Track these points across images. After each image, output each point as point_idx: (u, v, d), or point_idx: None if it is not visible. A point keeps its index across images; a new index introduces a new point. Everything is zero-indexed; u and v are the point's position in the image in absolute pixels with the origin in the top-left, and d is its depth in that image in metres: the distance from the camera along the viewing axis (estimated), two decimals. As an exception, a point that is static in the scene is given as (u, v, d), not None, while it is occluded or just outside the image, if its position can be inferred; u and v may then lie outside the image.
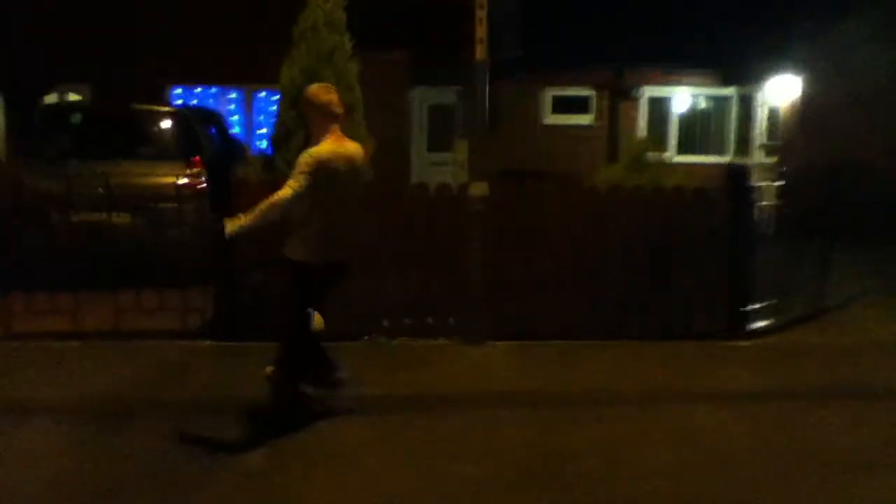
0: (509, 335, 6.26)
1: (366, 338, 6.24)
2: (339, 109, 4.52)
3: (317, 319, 4.62)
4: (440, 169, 13.36)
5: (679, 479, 4.00)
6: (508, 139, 12.81)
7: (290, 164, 6.63)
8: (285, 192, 4.32)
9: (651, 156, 8.93)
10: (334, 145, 4.46)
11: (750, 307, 6.61)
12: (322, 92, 4.52)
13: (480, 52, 5.84)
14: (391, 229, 6.15)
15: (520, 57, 12.29)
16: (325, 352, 4.82)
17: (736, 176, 6.62)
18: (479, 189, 6.00)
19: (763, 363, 6.08)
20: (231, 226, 4.42)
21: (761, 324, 6.69)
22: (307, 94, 4.54)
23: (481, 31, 5.82)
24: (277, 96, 7.52)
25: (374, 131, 7.41)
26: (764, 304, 6.72)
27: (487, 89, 6.03)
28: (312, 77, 6.25)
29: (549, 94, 14.03)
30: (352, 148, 4.59)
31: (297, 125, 6.61)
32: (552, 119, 14.06)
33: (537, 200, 6.36)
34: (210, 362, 5.76)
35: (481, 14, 5.75)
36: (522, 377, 5.61)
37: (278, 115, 7.18)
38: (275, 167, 6.84)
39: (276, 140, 7.10)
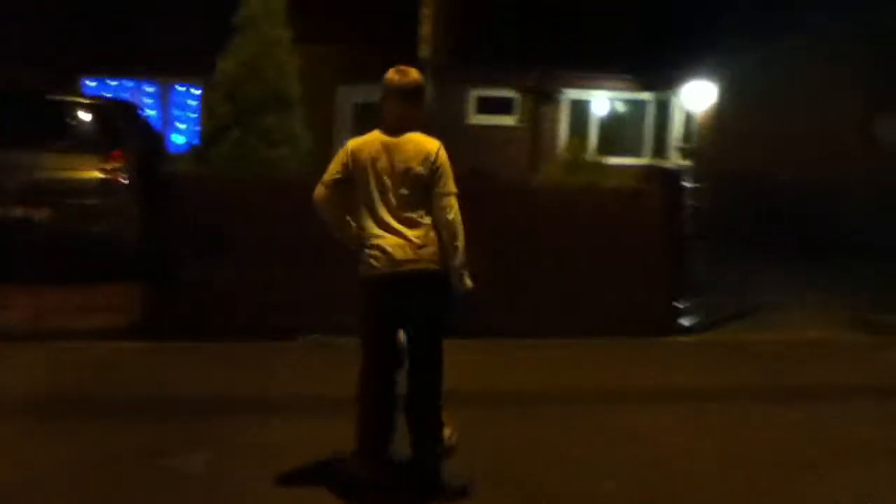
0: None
1: (300, 338, 6.06)
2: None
3: None
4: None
5: (615, 477, 4.00)
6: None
7: (226, 160, 6.52)
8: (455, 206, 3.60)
9: (582, 157, 9.08)
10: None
11: (683, 305, 6.79)
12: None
13: (425, 50, 5.80)
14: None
15: (444, 57, 12.31)
16: None
17: (670, 178, 6.80)
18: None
19: (697, 360, 6.24)
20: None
21: (694, 321, 6.88)
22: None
23: (427, 30, 5.77)
24: (199, 90, 7.25)
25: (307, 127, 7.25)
26: (696, 301, 6.92)
27: (431, 87, 5.94)
28: (253, 70, 6.05)
29: (474, 94, 14.11)
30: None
31: (234, 120, 6.38)
32: (476, 119, 14.14)
33: (476, 199, 6.32)
34: (138, 363, 5.47)
35: (427, 12, 5.69)
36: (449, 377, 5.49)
37: (210, 108, 6.90)
38: (209, 162, 6.56)
39: (208, 135, 6.82)
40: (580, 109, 14.73)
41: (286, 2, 6.85)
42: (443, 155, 3.60)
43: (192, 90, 11.14)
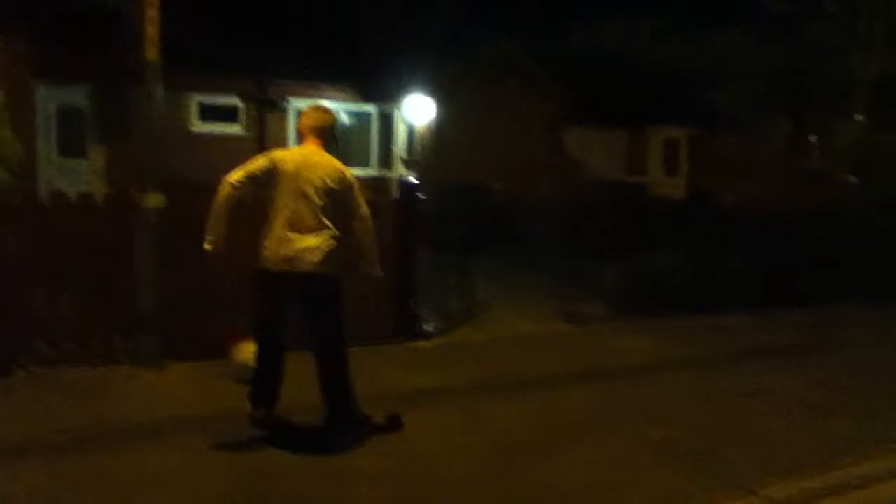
0: (185, 355, 5.93)
1: (20, 371, 5.46)
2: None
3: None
4: (72, 177, 12.11)
5: (379, 483, 4.20)
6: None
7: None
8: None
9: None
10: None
11: (417, 311, 7.14)
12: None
13: (152, 52, 5.49)
14: (48, 244, 5.49)
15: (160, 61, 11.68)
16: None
17: (407, 189, 7.10)
18: (154, 199, 5.61)
19: (436, 361, 6.62)
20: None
21: (427, 326, 7.25)
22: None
23: (152, 31, 5.47)
24: None
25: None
26: (428, 307, 7.31)
27: (160, 92, 5.66)
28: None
29: (195, 100, 13.54)
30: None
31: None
32: (200, 127, 13.59)
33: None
34: None
35: (152, 13, 5.40)
36: (202, 400, 5.31)
37: None
38: None
39: None
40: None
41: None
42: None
43: None
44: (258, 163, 4.49)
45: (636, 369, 6.67)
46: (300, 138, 4.75)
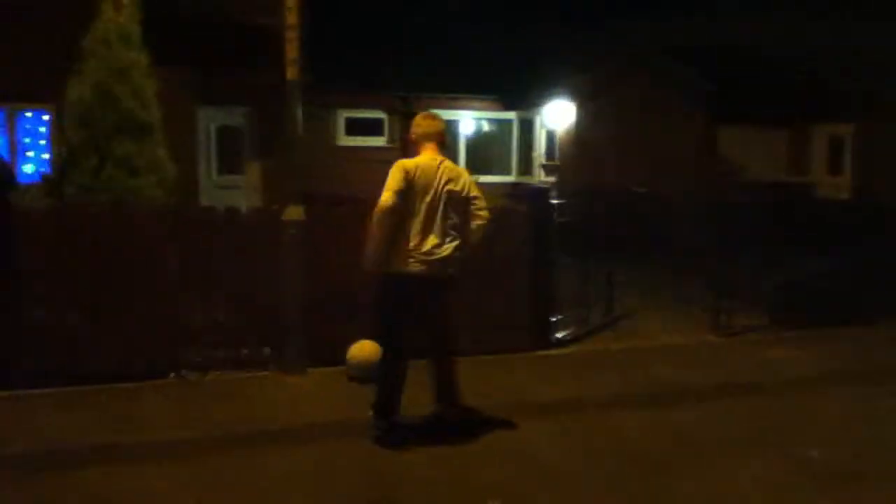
0: (328, 361, 6.12)
1: (173, 374, 5.83)
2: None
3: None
4: (229, 192, 12.86)
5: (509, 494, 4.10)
6: (302, 161, 12.63)
7: (82, 189, 6.16)
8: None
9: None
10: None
11: (553, 319, 7.00)
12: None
13: (292, 72, 5.73)
14: (202, 254, 5.85)
15: (311, 80, 12.22)
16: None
17: (537, 196, 6.99)
18: (294, 213, 5.83)
19: (572, 371, 6.44)
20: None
21: (565, 334, 7.10)
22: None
23: (292, 52, 5.72)
24: (48, 116, 6.84)
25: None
26: (564, 315, 7.15)
27: (300, 111, 5.89)
28: (106, 94, 5.76)
29: (343, 116, 14.06)
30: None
31: (89, 146, 6.04)
32: (346, 141, 14.10)
33: (352, 223, 6.31)
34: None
35: (292, 35, 5.64)
36: (345, 405, 5.45)
37: (60, 135, 6.50)
38: (63, 193, 6.16)
39: (60, 163, 6.42)
40: (448, 129, 14.92)
41: (141, 24, 6.58)
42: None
43: (43, 116, 10.50)
44: (396, 178, 4.55)
45: (790, 383, 6.20)
46: (416, 146, 4.82)
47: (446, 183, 4.63)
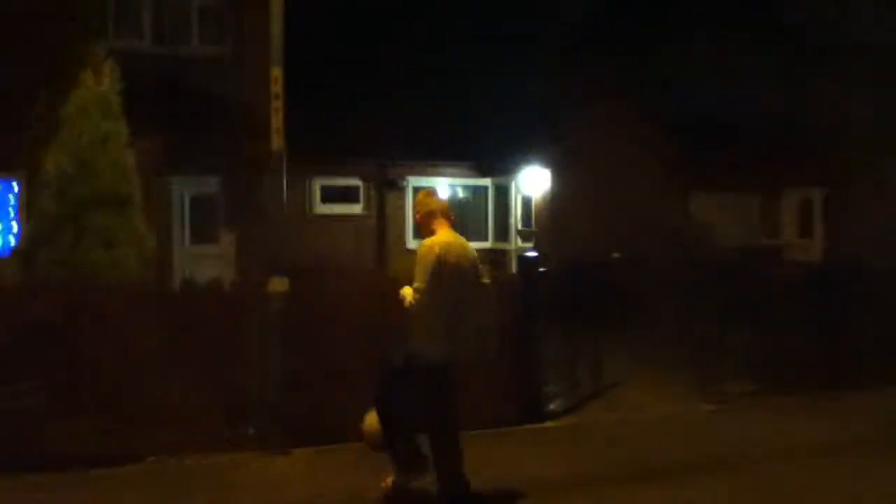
0: (310, 441, 5.85)
1: (151, 458, 5.52)
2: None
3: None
4: (202, 262, 12.61)
5: None
6: (279, 231, 12.48)
7: (58, 263, 5.91)
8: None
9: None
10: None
11: (543, 391, 6.81)
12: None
13: (277, 141, 5.65)
14: (175, 330, 5.60)
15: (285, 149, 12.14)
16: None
17: (528, 265, 6.85)
18: (279, 284, 5.65)
19: (563, 446, 6.23)
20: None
21: (554, 406, 6.91)
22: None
23: (277, 122, 5.65)
24: (16, 184, 6.66)
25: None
26: (554, 385, 6.98)
27: (285, 180, 5.79)
28: (84, 164, 5.59)
29: (318, 184, 13.99)
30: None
31: (66, 218, 5.83)
32: (321, 209, 13.99)
33: (338, 296, 6.16)
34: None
35: (277, 105, 5.59)
36: (328, 484, 5.20)
37: (36, 207, 6.28)
38: (38, 265, 5.90)
39: (34, 236, 6.18)
40: (424, 196, 14.91)
41: (121, 93, 6.46)
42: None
43: (10, 185, 10.25)
44: (429, 259, 4.49)
45: (788, 454, 6.05)
46: (429, 221, 4.77)
47: (472, 261, 4.71)
